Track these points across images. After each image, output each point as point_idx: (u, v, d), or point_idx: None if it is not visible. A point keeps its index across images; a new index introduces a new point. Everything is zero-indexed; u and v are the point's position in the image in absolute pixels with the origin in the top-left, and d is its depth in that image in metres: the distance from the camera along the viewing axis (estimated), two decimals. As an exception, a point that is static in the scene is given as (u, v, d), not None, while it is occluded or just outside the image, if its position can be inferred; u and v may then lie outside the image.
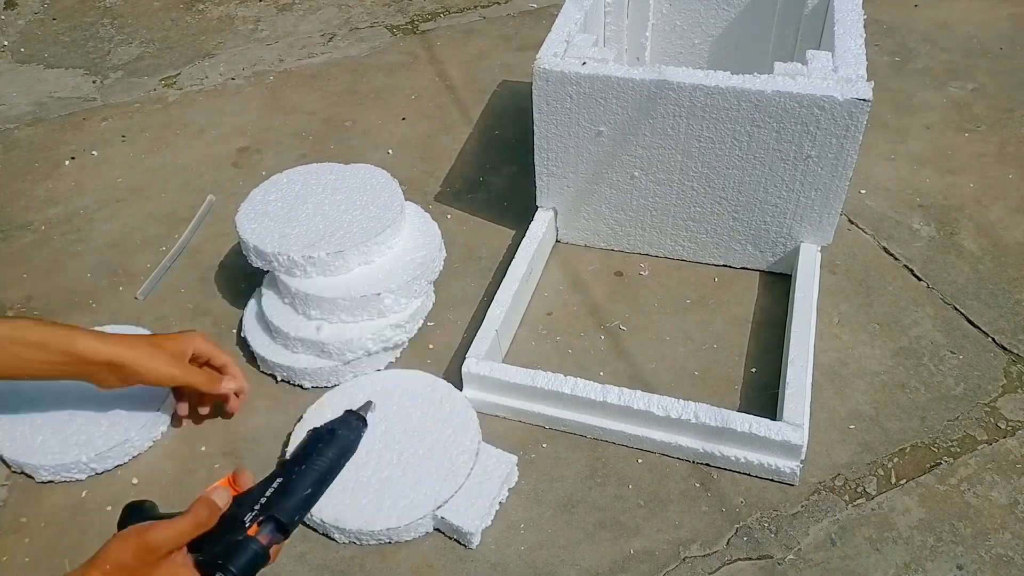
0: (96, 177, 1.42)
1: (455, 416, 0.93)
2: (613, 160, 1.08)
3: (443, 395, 0.96)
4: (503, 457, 0.90)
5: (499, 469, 0.88)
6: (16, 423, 0.94)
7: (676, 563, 0.83)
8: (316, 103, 1.58)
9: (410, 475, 0.87)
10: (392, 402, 0.95)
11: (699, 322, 1.08)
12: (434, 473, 0.87)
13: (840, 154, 0.98)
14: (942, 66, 1.58)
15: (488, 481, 0.87)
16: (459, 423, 0.92)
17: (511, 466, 0.89)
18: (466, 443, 0.90)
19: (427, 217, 1.12)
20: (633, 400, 0.90)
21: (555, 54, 1.04)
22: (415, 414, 0.94)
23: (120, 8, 1.97)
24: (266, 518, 0.68)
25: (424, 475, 0.87)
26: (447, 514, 0.84)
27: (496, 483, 0.87)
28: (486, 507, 0.85)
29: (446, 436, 0.91)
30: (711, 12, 1.30)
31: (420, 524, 0.85)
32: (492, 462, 0.89)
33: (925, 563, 0.81)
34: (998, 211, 1.24)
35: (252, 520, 0.67)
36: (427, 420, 0.93)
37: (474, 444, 0.90)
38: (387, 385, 0.98)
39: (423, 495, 0.85)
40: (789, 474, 0.88)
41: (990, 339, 1.04)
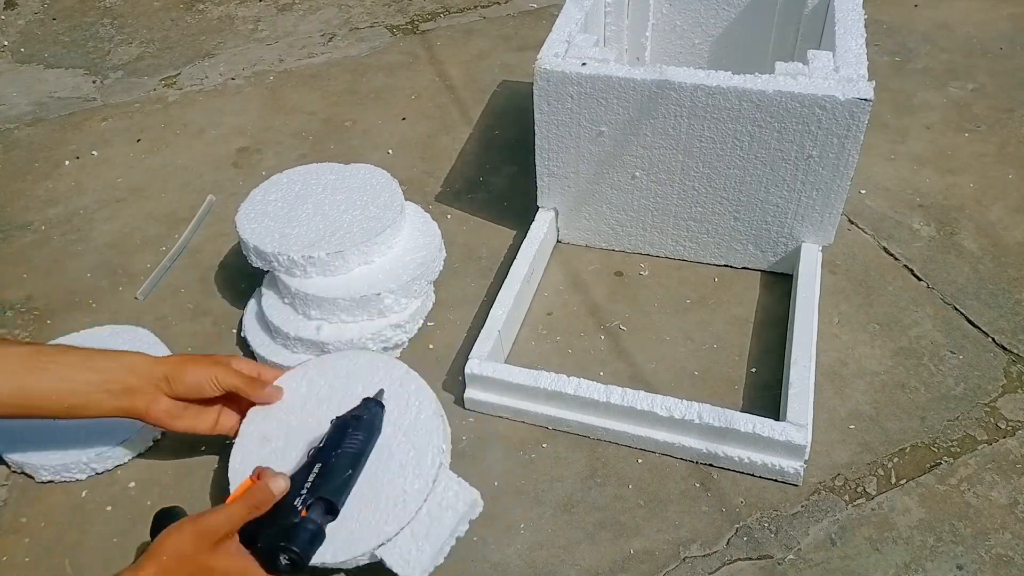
0: (96, 177, 1.42)
1: (420, 426, 0.82)
2: (614, 160, 1.08)
3: (410, 395, 0.85)
4: (462, 491, 0.78)
5: (454, 508, 0.76)
6: (17, 423, 0.94)
7: (676, 563, 0.83)
8: (316, 103, 1.58)
9: (356, 498, 0.76)
10: (352, 397, 0.84)
11: (699, 322, 1.08)
12: (382, 501, 0.76)
13: (841, 154, 0.98)
14: (942, 66, 1.58)
15: (441, 519, 0.75)
16: (422, 437, 0.81)
17: (471, 501, 0.77)
18: (425, 466, 0.78)
19: (427, 217, 1.12)
20: (636, 401, 0.90)
21: (556, 54, 1.04)
22: None
23: (120, 8, 1.97)
24: (315, 501, 0.71)
25: (371, 501, 0.76)
26: (387, 557, 0.74)
27: (448, 523, 0.75)
28: (432, 552, 0.74)
29: (404, 451, 0.80)
30: (711, 12, 1.30)
31: (359, 559, 0.75)
32: (449, 495, 0.77)
33: (925, 563, 0.81)
34: (998, 211, 1.24)
35: (303, 505, 0.70)
36: (388, 427, 0.82)
37: (432, 469, 0.78)
38: (354, 371, 0.88)
39: (364, 527, 0.75)
40: (793, 474, 0.88)
41: (990, 339, 1.04)
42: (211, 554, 0.66)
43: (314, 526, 0.70)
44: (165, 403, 0.81)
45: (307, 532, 0.69)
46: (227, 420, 0.88)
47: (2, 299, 1.18)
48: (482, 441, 0.95)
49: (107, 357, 0.80)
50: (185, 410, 0.84)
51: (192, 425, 0.85)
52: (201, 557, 0.65)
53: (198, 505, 0.89)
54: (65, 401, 0.77)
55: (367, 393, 0.84)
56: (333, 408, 0.83)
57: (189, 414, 0.84)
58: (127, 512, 0.89)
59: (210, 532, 0.66)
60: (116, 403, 0.79)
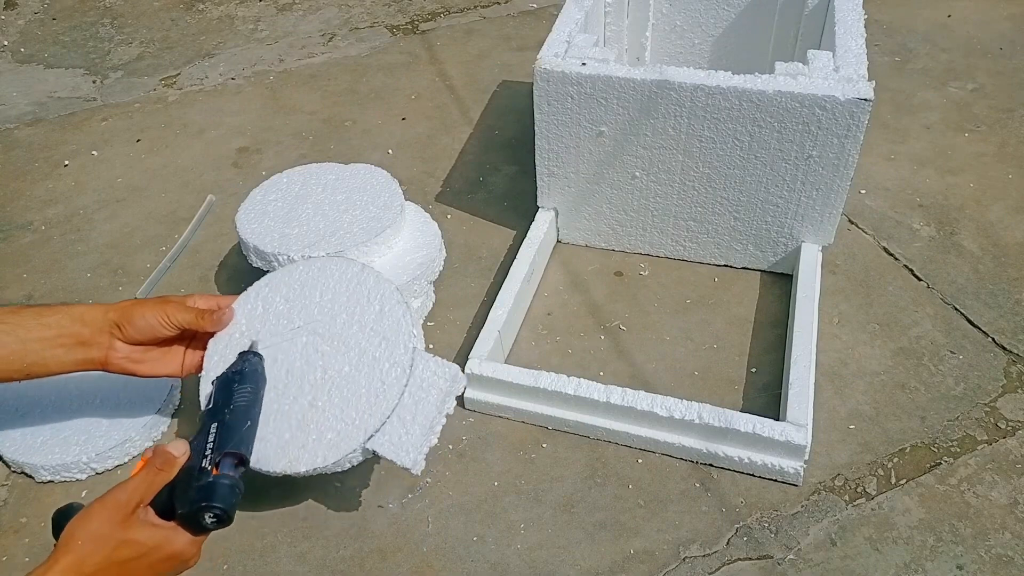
0: (96, 177, 1.42)
1: (385, 317, 0.80)
2: (614, 160, 1.08)
3: (370, 290, 0.83)
4: (441, 367, 0.77)
5: (436, 383, 0.76)
6: (16, 423, 0.94)
7: (676, 563, 0.83)
8: (316, 103, 1.58)
9: (336, 397, 0.77)
10: (313, 304, 0.83)
11: (699, 322, 1.08)
12: (363, 394, 0.76)
13: (841, 154, 0.98)
14: (942, 66, 1.58)
15: (425, 399, 0.75)
16: (390, 326, 0.79)
17: (452, 378, 0.77)
18: (398, 352, 0.78)
19: (427, 217, 1.12)
20: (636, 401, 0.90)
21: (556, 54, 1.04)
22: (340, 316, 0.82)
23: (120, 8, 1.97)
24: (223, 457, 0.70)
25: (352, 396, 0.76)
26: (379, 447, 0.74)
27: (433, 401, 0.75)
28: (422, 432, 0.74)
29: (376, 343, 0.79)
30: (711, 12, 1.30)
31: (351, 458, 0.76)
32: (429, 375, 0.77)
33: (925, 563, 0.81)
34: (998, 211, 1.24)
35: (211, 464, 0.69)
36: (354, 324, 0.80)
37: (407, 354, 0.77)
38: (308, 279, 0.86)
39: (351, 423, 0.75)
40: (793, 474, 0.88)
41: (990, 339, 1.04)
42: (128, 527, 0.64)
43: (229, 479, 0.69)
44: (123, 349, 0.80)
45: (223, 486, 0.68)
46: (194, 359, 0.85)
47: (2, 299, 1.18)
48: (482, 441, 0.95)
49: (57, 311, 0.79)
50: (146, 353, 0.82)
51: (158, 369, 0.83)
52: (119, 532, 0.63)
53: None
54: (23, 361, 0.76)
55: (323, 301, 0.83)
56: (295, 320, 0.82)
57: (151, 358, 0.83)
58: (127, 512, 0.89)
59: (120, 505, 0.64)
60: (73, 356, 0.78)
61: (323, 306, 0.83)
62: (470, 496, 0.90)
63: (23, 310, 0.78)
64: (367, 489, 0.90)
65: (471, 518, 0.88)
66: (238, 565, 0.84)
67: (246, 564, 0.84)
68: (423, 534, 0.86)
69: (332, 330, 0.82)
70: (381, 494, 0.90)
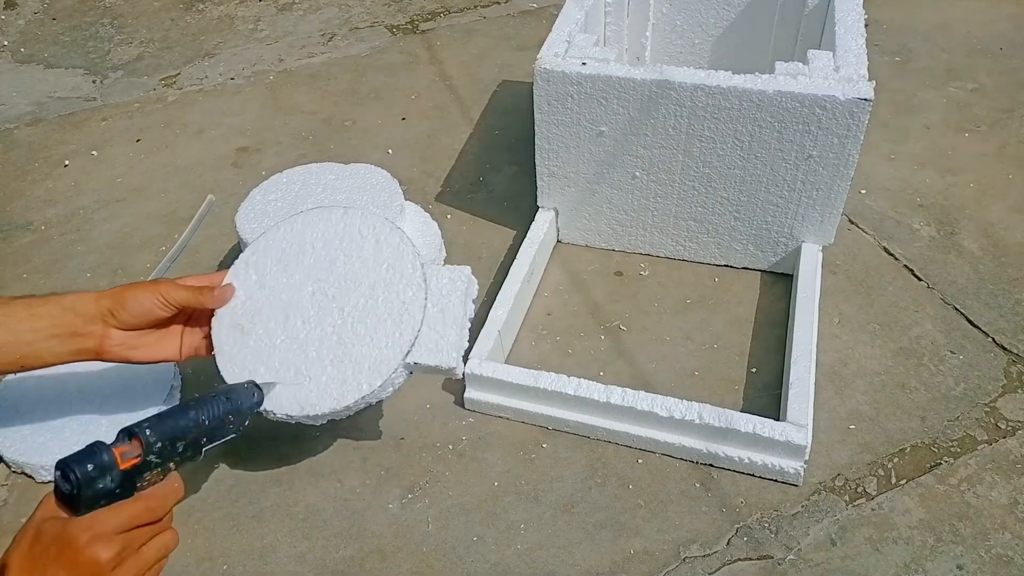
0: (96, 177, 1.42)
1: (383, 247, 0.82)
2: (614, 160, 1.08)
3: (360, 227, 0.84)
4: (454, 272, 0.81)
5: (455, 287, 0.79)
6: (16, 423, 0.94)
7: (676, 563, 0.83)
8: (316, 103, 1.58)
9: (362, 329, 0.78)
10: (306, 256, 0.83)
11: (699, 322, 1.08)
12: (386, 318, 0.78)
13: (842, 154, 0.98)
14: (942, 66, 1.58)
15: (449, 305, 0.79)
16: (391, 253, 0.82)
17: (466, 277, 0.81)
18: (408, 272, 0.80)
19: (427, 217, 1.12)
20: (636, 401, 0.90)
21: (556, 54, 1.04)
22: (339, 260, 0.83)
23: (120, 8, 1.97)
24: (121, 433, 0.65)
25: (377, 324, 0.78)
26: (419, 358, 0.77)
27: (458, 303, 0.79)
28: (456, 332, 0.78)
29: (383, 271, 0.80)
30: (711, 12, 1.30)
31: (395, 378, 0.78)
32: (444, 282, 0.80)
33: (925, 563, 0.81)
34: (998, 211, 1.24)
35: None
36: (355, 262, 0.82)
37: (417, 271, 0.80)
38: (292, 239, 0.85)
39: (385, 346, 0.77)
40: (793, 475, 0.88)
41: (990, 339, 1.04)
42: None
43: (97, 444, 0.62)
44: (118, 336, 0.78)
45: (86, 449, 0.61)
46: (192, 340, 0.84)
47: (2, 299, 1.18)
48: (482, 441, 0.95)
49: (47, 302, 0.77)
50: (141, 338, 0.80)
51: (155, 353, 0.81)
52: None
53: (199, 505, 0.90)
54: (16, 353, 0.75)
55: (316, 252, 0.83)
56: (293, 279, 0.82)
57: (147, 342, 0.81)
58: (127, 512, 0.89)
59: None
60: (67, 347, 0.77)
61: (317, 255, 0.83)
62: (470, 496, 0.90)
63: (14, 301, 0.77)
64: (367, 489, 0.90)
65: (471, 518, 0.88)
66: (238, 565, 0.84)
67: (246, 564, 0.84)
68: (423, 534, 0.86)
69: (334, 273, 0.82)
70: (381, 494, 0.90)
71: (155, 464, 0.64)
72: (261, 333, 0.81)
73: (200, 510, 0.89)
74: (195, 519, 0.87)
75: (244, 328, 0.82)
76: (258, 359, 0.80)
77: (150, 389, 0.97)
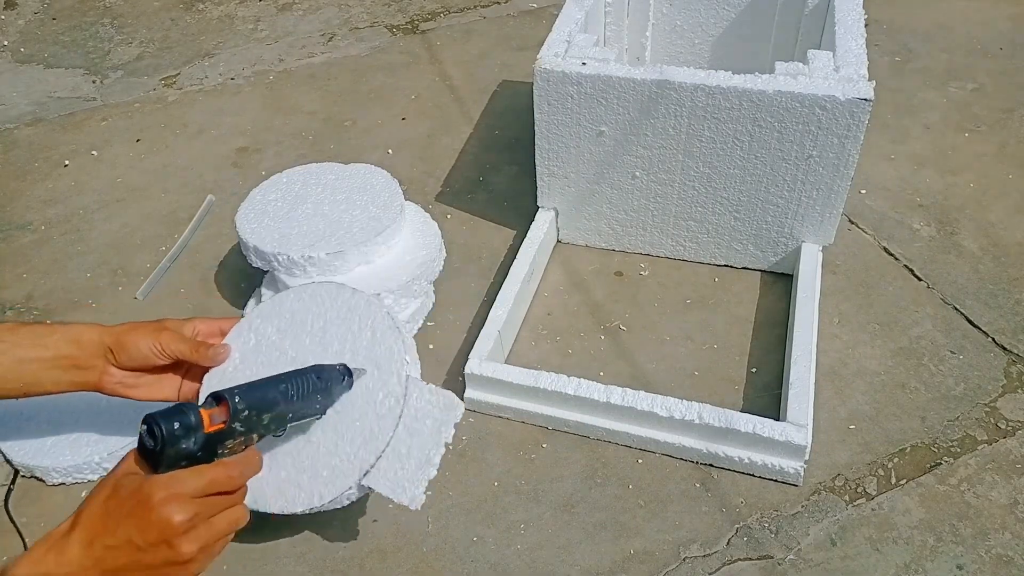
0: (96, 177, 1.42)
1: (378, 344, 0.78)
2: (614, 160, 1.08)
3: (362, 316, 0.80)
4: (437, 395, 0.74)
5: (431, 413, 0.73)
6: (24, 428, 0.94)
7: (676, 563, 0.83)
8: (316, 103, 1.58)
9: (330, 433, 0.74)
10: (306, 332, 0.81)
11: (699, 322, 1.08)
12: (357, 427, 0.73)
13: (842, 153, 0.98)
14: (942, 66, 1.58)
15: (420, 430, 0.73)
16: (383, 354, 0.77)
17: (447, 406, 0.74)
18: (391, 383, 0.75)
19: (427, 217, 1.12)
20: (636, 401, 0.90)
21: (556, 54, 1.04)
22: (333, 345, 0.80)
23: (120, 8, 1.97)
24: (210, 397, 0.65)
25: (346, 430, 0.74)
26: (374, 483, 0.72)
27: (428, 431, 0.72)
28: (418, 465, 0.72)
29: (368, 374, 0.76)
30: (711, 12, 1.30)
31: (347, 495, 0.74)
32: (424, 404, 0.74)
33: (925, 563, 0.81)
34: (998, 211, 1.24)
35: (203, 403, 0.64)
36: (346, 353, 0.78)
37: (400, 384, 0.75)
38: (300, 308, 0.83)
39: (346, 458, 0.73)
40: (793, 475, 0.88)
41: (990, 339, 1.04)
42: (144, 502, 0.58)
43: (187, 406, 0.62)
44: (117, 374, 0.79)
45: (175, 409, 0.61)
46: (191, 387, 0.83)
47: (2, 299, 1.18)
48: (482, 441, 0.95)
49: (54, 331, 0.78)
50: (139, 378, 0.80)
51: (152, 393, 0.81)
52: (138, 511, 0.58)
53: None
54: (19, 380, 0.76)
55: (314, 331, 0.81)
56: (288, 351, 0.80)
57: (145, 383, 0.80)
58: (127, 512, 0.89)
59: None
60: (69, 378, 0.77)
61: (314, 335, 0.81)
62: (470, 496, 0.90)
63: (20, 328, 0.78)
64: (367, 489, 0.90)
65: (471, 518, 0.88)
66: (238, 565, 0.84)
67: (246, 564, 0.84)
68: (423, 534, 0.86)
69: (326, 357, 0.79)
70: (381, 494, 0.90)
71: (239, 432, 0.64)
72: None
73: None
74: (195, 519, 0.87)
75: None
76: None
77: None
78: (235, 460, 0.63)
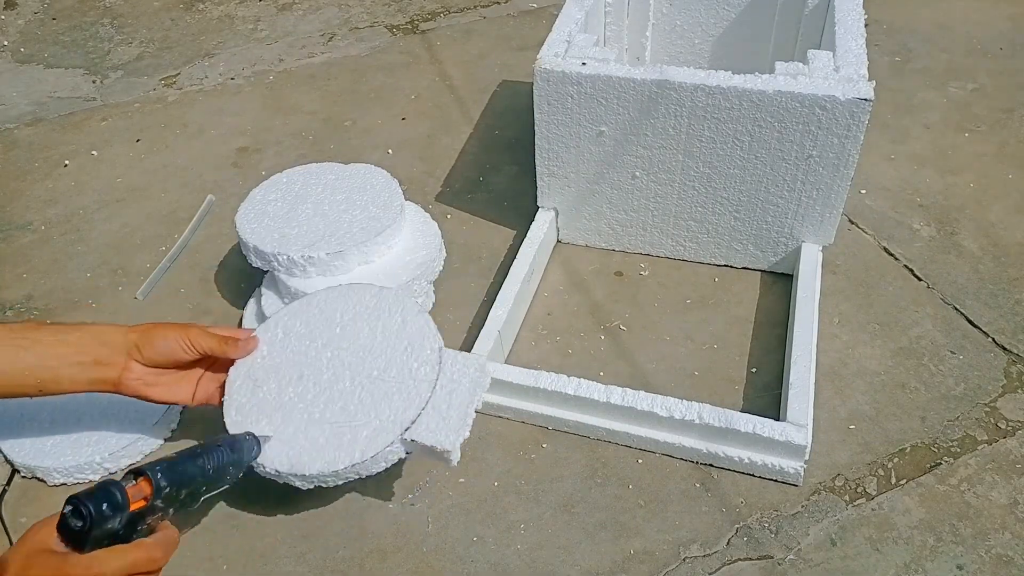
0: (96, 177, 1.42)
1: (408, 325, 0.84)
2: (614, 160, 1.08)
3: (391, 305, 0.86)
4: (469, 360, 0.82)
5: (466, 375, 0.80)
6: (25, 428, 0.94)
7: (676, 563, 0.83)
8: (316, 103, 1.58)
9: (368, 400, 0.79)
10: (334, 324, 0.86)
11: (699, 322, 1.08)
12: (395, 392, 0.79)
13: (842, 153, 0.98)
14: (942, 66, 1.58)
15: (457, 389, 0.79)
16: (414, 332, 0.83)
17: (480, 367, 0.81)
18: (425, 353, 0.81)
19: (427, 217, 1.12)
20: (636, 401, 0.90)
21: (556, 54, 1.04)
22: (363, 331, 0.85)
23: (120, 8, 1.97)
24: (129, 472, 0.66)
25: (384, 397, 0.79)
26: (417, 435, 0.77)
27: (465, 390, 0.79)
28: (459, 418, 0.78)
29: (402, 349, 0.82)
30: (711, 12, 1.30)
31: (390, 452, 0.77)
32: (458, 368, 0.81)
33: (925, 563, 0.81)
34: (998, 211, 1.24)
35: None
36: (377, 336, 0.84)
37: (434, 353, 0.81)
38: (324, 306, 0.88)
39: (387, 419, 0.77)
40: (793, 475, 0.88)
41: (990, 339, 1.04)
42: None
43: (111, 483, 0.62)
44: (138, 371, 0.79)
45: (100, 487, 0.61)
46: (208, 387, 0.85)
47: (2, 299, 1.18)
48: (482, 441, 0.95)
49: (78, 330, 0.78)
50: (160, 376, 0.81)
51: (169, 393, 0.82)
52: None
53: (198, 505, 0.90)
54: (37, 377, 0.76)
55: (344, 321, 0.86)
56: (316, 343, 0.84)
57: (164, 381, 0.82)
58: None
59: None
60: (88, 375, 0.78)
61: (344, 325, 0.86)
62: (470, 496, 0.90)
63: (42, 327, 0.78)
64: (367, 489, 0.90)
65: (471, 518, 0.88)
66: (238, 565, 0.84)
67: (246, 564, 0.84)
68: (423, 534, 0.86)
69: (356, 343, 0.84)
70: (381, 494, 0.90)
71: (159, 509, 0.65)
72: (272, 387, 0.83)
73: (200, 510, 0.89)
74: (195, 519, 0.87)
75: (257, 380, 0.83)
76: (262, 411, 0.81)
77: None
78: (156, 542, 0.63)
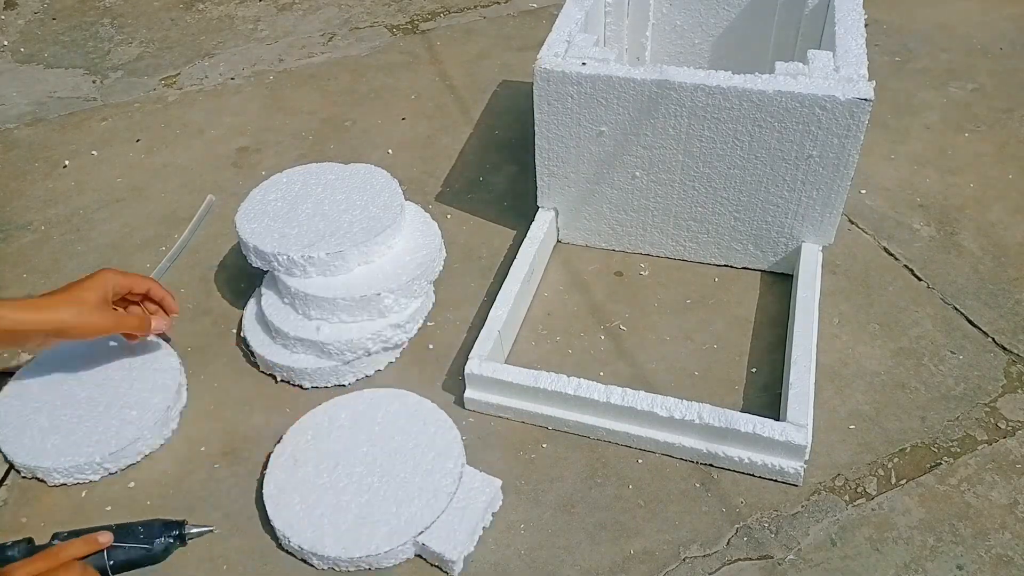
0: (96, 177, 1.42)
1: (438, 438, 0.91)
2: (614, 160, 1.08)
3: (426, 416, 0.94)
4: (487, 481, 0.88)
5: (483, 494, 0.86)
6: (24, 429, 0.94)
7: (676, 563, 0.83)
8: (316, 103, 1.58)
9: (391, 499, 0.86)
10: (374, 423, 0.94)
11: (700, 322, 1.08)
12: (416, 497, 0.86)
13: (842, 153, 0.98)
14: (942, 66, 1.58)
15: (471, 506, 0.85)
16: (442, 445, 0.90)
17: (495, 491, 0.87)
18: (449, 466, 0.88)
19: (427, 217, 1.12)
20: (636, 401, 0.90)
21: (556, 54, 1.04)
22: (397, 436, 0.92)
23: (120, 8, 1.97)
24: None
25: (405, 499, 0.85)
26: (428, 540, 0.82)
27: (479, 508, 0.85)
28: (468, 533, 0.83)
29: (429, 459, 0.89)
30: (711, 12, 1.30)
31: (401, 551, 0.83)
32: (476, 486, 0.87)
33: (925, 563, 0.81)
34: (998, 211, 1.24)
35: None
36: (409, 442, 0.91)
37: (457, 467, 0.88)
38: (369, 404, 0.96)
39: (404, 520, 0.84)
40: (793, 475, 0.88)
41: (990, 339, 1.04)
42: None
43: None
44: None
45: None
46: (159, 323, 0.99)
47: (2, 299, 1.18)
48: (482, 441, 0.95)
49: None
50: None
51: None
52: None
53: (198, 506, 0.90)
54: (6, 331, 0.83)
55: (385, 420, 0.94)
56: (356, 438, 0.92)
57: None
58: (126, 511, 0.89)
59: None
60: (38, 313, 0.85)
61: (383, 425, 0.94)
62: (470, 496, 0.90)
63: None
64: (367, 489, 0.90)
65: (471, 518, 0.88)
66: (238, 565, 0.84)
67: (246, 564, 0.84)
68: (423, 534, 0.86)
69: (390, 444, 0.91)
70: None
71: None
72: (310, 470, 0.89)
73: (200, 510, 0.89)
74: (195, 519, 0.87)
75: (298, 460, 0.91)
76: (296, 489, 0.88)
77: (157, 391, 0.97)
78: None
